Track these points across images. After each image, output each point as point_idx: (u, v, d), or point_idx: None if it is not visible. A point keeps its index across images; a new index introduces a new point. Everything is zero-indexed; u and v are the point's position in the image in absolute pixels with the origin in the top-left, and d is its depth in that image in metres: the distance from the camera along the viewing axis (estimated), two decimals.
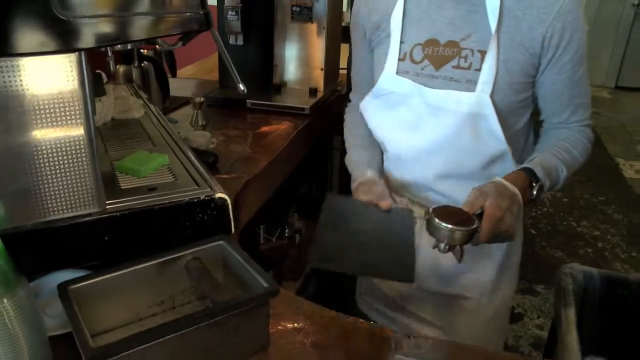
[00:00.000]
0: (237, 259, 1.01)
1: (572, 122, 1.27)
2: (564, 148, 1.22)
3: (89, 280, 0.94)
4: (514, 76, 1.16)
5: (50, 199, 0.94)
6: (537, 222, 3.73)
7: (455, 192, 1.27)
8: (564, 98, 1.23)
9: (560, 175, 1.19)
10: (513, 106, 1.20)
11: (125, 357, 0.82)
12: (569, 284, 1.63)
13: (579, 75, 1.20)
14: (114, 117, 1.39)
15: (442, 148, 1.24)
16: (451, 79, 1.19)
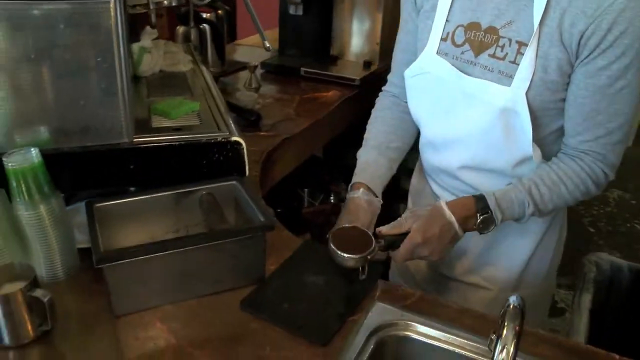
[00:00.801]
0: (246, 199, 1.10)
1: (587, 150, 1.11)
2: (552, 182, 1.12)
3: (113, 201, 1.07)
4: (550, 74, 1.05)
5: (87, 127, 1.07)
6: (596, 221, 3.62)
7: (479, 184, 1.22)
8: (584, 110, 1.07)
9: (525, 211, 1.12)
10: (547, 106, 1.09)
11: (129, 264, 0.93)
12: (592, 272, 1.64)
13: (613, 90, 1.03)
14: (162, 69, 1.52)
15: (472, 140, 1.18)
16: (486, 67, 1.11)
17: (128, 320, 0.97)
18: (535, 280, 1.36)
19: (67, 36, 1.00)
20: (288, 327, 0.95)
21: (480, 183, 1.22)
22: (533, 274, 1.35)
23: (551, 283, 1.45)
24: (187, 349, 0.91)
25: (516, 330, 0.60)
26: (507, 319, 0.62)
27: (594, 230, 3.53)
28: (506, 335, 0.60)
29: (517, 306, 0.64)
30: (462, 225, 1.12)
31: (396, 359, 1.00)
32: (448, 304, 1.06)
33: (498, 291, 1.34)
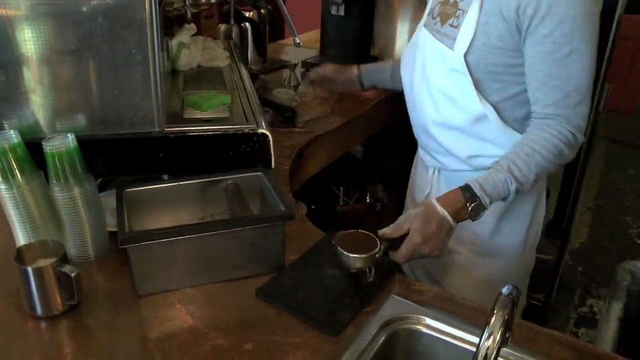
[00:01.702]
0: (270, 190, 1.13)
1: (550, 114, 1.18)
2: (525, 155, 1.18)
3: (142, 187, 1.11)
4: (491, 40, 1.18)
5: (120, 115, 1.12)
6: None
7: (446, 141, 1.36)
8: (538, 76, 1.17)
9: (509, 188, 1.17)
10: (493, 69, 1.21)
11: (152, 246, 0.97)
12: (625, 280, 1.59)
13: (560, 55, 1.13)
14: (200, 64, 1.56)
15: (436, 97, 1.33)
16: (445, 35, 1.27)
17: (150, 300, 1.01)
18: (508, 252, 1.43)
19: (105, 29, 1.06)
20: (300, 316, 0.97)
21: (446, 139, 1.36)
22: (505, 244, 1.42)
23: (529, 261, 1.51)
24: (203, 330, 0.94)
25: (504, 319, 0.60)
26: (496, 307, 0.62)
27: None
28: (494, 323, 0.60)
29: (508, 295, 0.64)
30: (455, 217, 1.16)
31: (407, 352, 1.01)
32: (465, 302, 1.06)
33: (471, 255, 1.42)
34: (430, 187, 1.50)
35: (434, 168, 1.47)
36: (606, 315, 1.46)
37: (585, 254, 3.23)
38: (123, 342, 0.92)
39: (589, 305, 2.82)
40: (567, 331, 2.64)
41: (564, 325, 2.67)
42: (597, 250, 3.29)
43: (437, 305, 1.03)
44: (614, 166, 4.41)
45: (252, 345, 0.91)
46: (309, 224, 1.25)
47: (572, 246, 3.23)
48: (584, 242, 3.35)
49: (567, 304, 2.81)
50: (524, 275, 1.53)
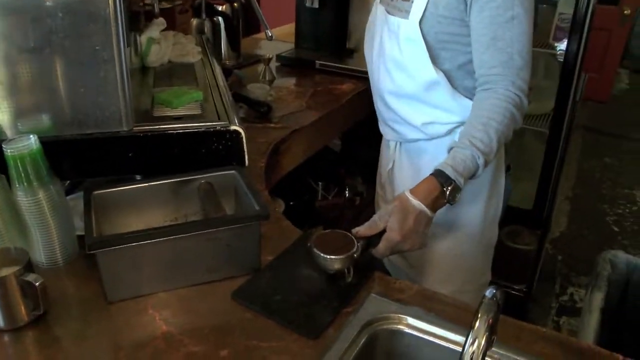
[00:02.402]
0: (244, 189, 1.09)
1: (495, 75, 1.22)
2: (482, 125, 1.19)
3: (111, 189, 1.07)
4: (439, 9, 1.24)
5: (86, 115, 1.07)
6: (622, 220, 3.52)
7: (401, 110, 1.41)
8: (484, 40, 1.22)
9: (478, 162, 1.17)
10: (442, 38, 1.27)
11: (121, 250, 0.93)
12: (606, 270, 1.59)
13: (504, 19, 1.19)
14: (171, 59, 1.51)
15: (391, 67, 1.37)
16: (398, 8, 1.32)
17: (121, 306, 0.96)
18: (468, 224, 1.45)
19: (66, 25, 1.01)
20: (278, 319, 0.94)
21: (401, 108, 1.41)
22: (465, 217, 1.44)
23: (490, 236, 1.52)
24: (177, 337, 0.90)
25: (489, 323, 0.58)
26: (481, 311, 0.59)
27: (619, 229, 3.43)
28: (478, 327, 0.57)
29: (493, 299, 0.61)
30: (433, 207, 1.14)
31: (389, 353, 0.98)
32: (446, 299, 1.03)
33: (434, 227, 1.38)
34: (393, 162, 1.52)
35: (395, 142, 1.50)
36: (588, 306, 1.45)
37: (565, 243, 3.25)
38: (93, 352, 0.88)
39: (570, 293, 2.83)
40: (549, 320, 2.65)
41: (545, 315, 2.67)
42: (576, 239, 3.31)
43: (418, 304, 1.00)
44: (590, 155, 4.44)
45: (229, 352, 0.88)
46: (285, 222, 1.21)
47: (553, 235, 3.25)
48: (563, 231, 3.37)
49: (549, 293, 2.82)
50: (485, 248, 1.53)
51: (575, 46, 2.02)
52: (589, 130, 4.88)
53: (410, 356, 0.97)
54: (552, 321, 2.65)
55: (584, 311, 1.45)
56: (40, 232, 1.03)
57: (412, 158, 1.48)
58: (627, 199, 3.79)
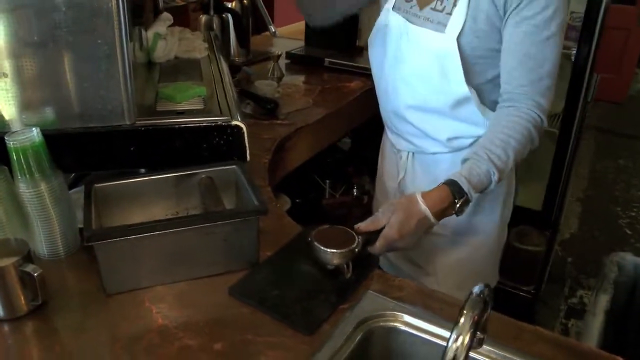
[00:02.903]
0: (245, 184, 1.09)
1: (521, 94, 1.19)
2: (501, 141, 1.17)
3: (113, 182, 1.07)
4: (478, 24, 1.19)
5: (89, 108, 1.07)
6: (635, 223, 3.47)
7: (424, 124, 1.35)
8: (516, 56, 1.19)
9: (492, 179, 1.15)
10: (477, 53, 1.22)
11: (120, 243, 0.93)
12: (612, 272, 1.57)
13: (540, 38, 1.16)
14: (177, 55, 1.52)
15: (413, 81, 1.31)
16: (428, 19, 1.25)
17: (119, 299, 0.97)
18: (486, 229, 1.43)
19: (70, 19, 1.01)
20: (274, 315, 0.94)
21: (424, 122, 1.35)
22: (484, 223, 1.42)
23: (503, 235, 1.51)
24: (172, 330, 0.91)
25: (474, 320, 0.57)
26: (466, 308, 0.58)
27: (632, 232, 3.39)
28: (463, 324, 0.56)
29: (479, 295, 0.60)
30: (439, 216, 1.13)
31: (384, 350, 0.97)
32: (445, 297, 1.02)
33: (451, 235, 1.41)
34: (405, 172, 1.47)
35: (408, 152, 1.44)
36: (593, 308, 1.43)
37: (575, 244, 3.21)
38: (88, 344, 0.88)
39: (579, 296, 2.80)
40: (557, 323, 2.62)
41: (554, 317, 2.65)
42: (587, 241, 3.27)
43: (417, 302, 0.99)
44: (604, 156, 4.38)
45: (222, 345, 0.88)
46: (286, 218, 1.21)
47: (562, 237, 3.21)
48: (574, 233, 3.33)
49: (557, 295, 2.79)
50: (497, 250, 1.52)
51: (586, 46, 1.99)
52: (602, 131, 4.82)
53: (406, 354, 0.97)
54: (560, 324, 2.62)
55: (588, 313, 1.43)
56: (41, 224, 1.03)
57: (427, 168, 1.44)
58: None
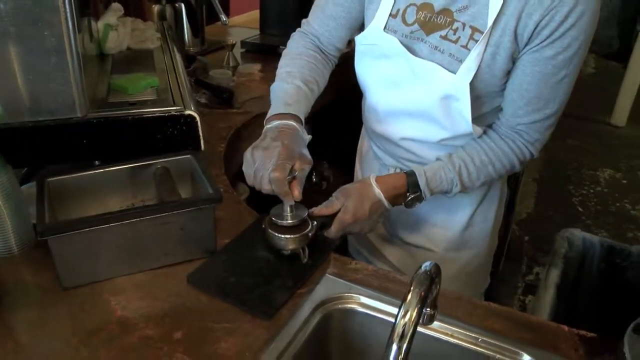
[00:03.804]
0: (200, 174, 1.09)
1: (521, 131, 1.15)
2: (481, 163, 1.15)
3: (65, 176, 1.06)
4: (497, 62, 1.06)
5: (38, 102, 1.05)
6: (586, 201, 3.59)
7: (421, 152, 1.26)
8: (525, 95, 1.09)
9: (453, 189, 1.15)
10: (490, 89, 1.11)
11: (74, 236, 0.92)
12: (563, 248, 1.62)
13: (555, 79, 1.06)
14: (130, 46, 1.50)
15: (414, 115, 1.20)
16: (436, 47, 1.09)
17: (76, 292, 0.96)
18: (478, 241, 1.39)
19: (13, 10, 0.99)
20: (233, 301, 0.94)
21: (422, 151, 1.25)
22: (476, 235, 1.38)
23: (493, 244, 1.48)
24: (132, 321, 0.91)
25: (421, 296, 0.59)
26: (414, 284, 0.60)
27: (583, 209, 3.51)
28: (410, 300, 0.59)
29: (427, 271, 0.63)
30: (392, 201, 1.13)
31: (343, 332, 1.00)
32: (400, 278, 1.05)
33: (443, 252, 1.37)
34: None
35: (396, 168, 1.33)
36: (544, 282, 1.48)
37: (532, 223, 3.31)
38: (45, 340, 0.88)
39: (535, 273, 2.89)
40: (515, 299, 2.70)
41: (512, 294, 2.73)
42: (543, 220, 3.37)
43: (374, 283, 1.02)
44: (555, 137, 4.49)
45: (182, 334, 0.89)
46: (243, 205, 1.22)
47: (520, 217, 3.30)
48: (530, 213, 3.43)
49: (515, 273, 2.87)
50: (489, 258, 1.51)
51: None
52: None
53: (363, 335, 0.99)
54: (518, 300, 2.70)
55: (540, 287, 1.48)
56: None
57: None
58: (592, 180, 3.87)
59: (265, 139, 1.03)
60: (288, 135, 1.03)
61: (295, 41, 1.31)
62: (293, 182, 0.99)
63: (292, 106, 1.10)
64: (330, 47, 1.30)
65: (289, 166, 0.97)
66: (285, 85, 1.16)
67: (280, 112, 1.09)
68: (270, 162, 0.97)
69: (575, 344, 0.93)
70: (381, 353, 0.58)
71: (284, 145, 0.99)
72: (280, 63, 1.26)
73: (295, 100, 1.12)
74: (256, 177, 1.00)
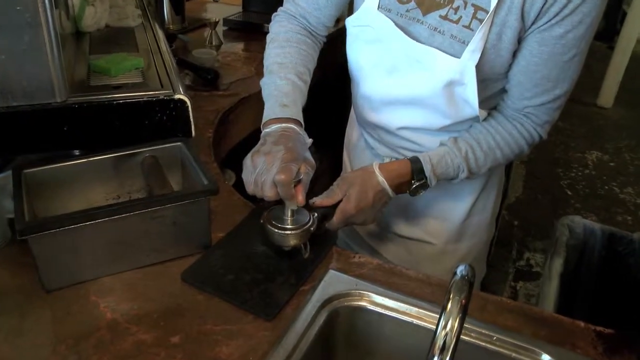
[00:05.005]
0: (191, 162, 1.04)
1: (528, 114, 1.11)
2: (487, 147, 1.11)
3: (44, 166, 1.00)
4: (503, 42, 1.01)
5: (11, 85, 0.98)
6: (575, 184, 3.61)
7: (421, 141, 1.20)
8: (533, 77, 1.05)
9: (459, 175, 1.12)
10: (495, 71, 1.06)
11: (57, 234, 0.86)
12: (564, 235, 1.61)
13: (565, 58, 1.01)
14: (108, 24, 1.43)
15: (413, 104, 1.14)
16: (435, 29, 1.03)
17: (60, 295, 0.91)
18: (477, 231, 1.37)
19: None
20: (232, 300, 0.90)
21: (422, 140, 1.20)
22: (475, 224, 1.35)
23: (491, 232, 1.45)
24: (124, 325, 0.86)
25: (462, 304, 0.55)
26: (452, 291, 0.56)
27: (572, 193, 3.53)
28: (450, 309, 0.55)
29: (465, 277, 0.59)
30: (395, 190, 1.10)
31: (350, 331, 0.96)
32: (407, 272, 1.02)
33: (442, 244, 1.35)
34: None
35: (391, 158, 1.27)
36: (548, 272, 1.47)
37: (521, 208, 3.32)
38: (28, 348, 0.82)
39: (526, 258, 2.90)
40: (507, 286, 2.71)
41: (503, 280, 2.73)
42: (531, 204, 3.38)
43: (379, 278, 0.98)
44: None
45: (180, 338, 0.84)
46: (236, 196, 1.17)
47: (509, 201, 3.31)
48: (519, 197, 3.44)
49: (505, 259, 2.88)
50: (487, 246, 1.48)
51: None
52: None
53: (372, 333, 0.96)
54: (509, 286, 2.71)
55: (544, 278, 1.47)
56: None
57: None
58: (580, 163, 3.89)
59: (265, 144, 0.98)
60: (290, 139, 0.99)
61: (281, 24, 1.21)
62: (298, 187, 0.95)
63: (289, 108, 1.05)
64: (320, 26, 1.23)
65: (295, 168, 0.93)
66: (279, 81, 1.10)
67: (278, 116, 1.04)
68: (274, 165, 0.92)
69: (593, 340, 0.91)
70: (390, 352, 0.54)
71: (288, 148, 0.95)
72: (267, 51, 1.18)
73: (292, 100, 1.07)
74: (257, 183, 0.94)
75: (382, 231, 1.39)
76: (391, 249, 1.39)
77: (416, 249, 1.36)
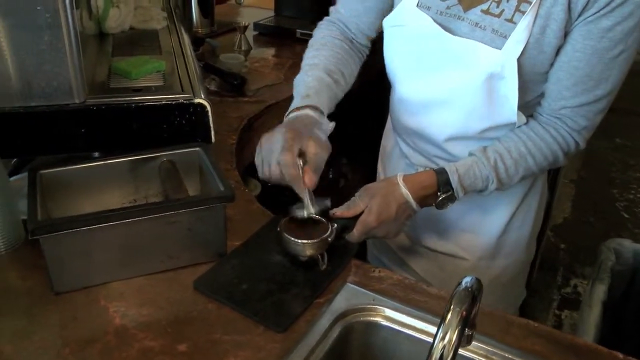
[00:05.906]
0: (210, 168, 1.07)
1: (566, 117, 1.09)
2: (518, 155, 1.11)
3: (61, 168, 1.04)
4: (547, 36, 1.01)
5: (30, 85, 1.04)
6: (633, 206, 3.53)
7: (456, 150, 1.21)
8: (575, 74, 1.03)
9: (489, 187, 1.12)
10: (538, 70, 1.06)
11: (69, 236, 0.90)
12: (609, 260, 1.58)
13: (610, 55, 1.00)
14: (133, 26, 1.49)
15: (451, 104, 1.15)
16: (477, 24, 1.05)
17: (69, 298, 0.95)
18: (515, 249, 1.36)
19: None
20: (244, 311, 0.92)
21: (458, 149, 1.20)
22: (513, 241, 1.34)
23: (531, 251, 1.43)
24: (131, 331, 0.89)
25: (462, 315, 0.56)
26: (453, 302, 0.58)
27: (629, 216, 3.44)
28: (450, 320, 0.56)
29: (468, 288, 0.60)
30: (420, 203, 1.11)
31: (365, 347, 0.97)
32: (428, 289, 1.02)
33: (476, 260, 1.34)
34: None
35: (425, 167, 1.26)
36: (589, 299, 1.45)
37: (569, 230, 3.26)
38: (33, 351, 0.85)
39: (573, 285, 2.84)
40: (550, 314, 2.66)
41: (546, 308, 2.68)
42: (581, 226, 3.32)
43: (398, 294, 0.99)
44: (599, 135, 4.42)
45: (187, 346, 0.87)
46: (256, 204, 1.20)
47: (555, 222, 3.25)
48: (567, 218, 3.38)
49: (550, 284, 2.83)
50: (526, 267, 1.46)
51: None
52: None
53: (387, 351, 0.97)
54: (553, 315, 2.66)
55: (584, 305, 1.44)
56: None
57: None
58: (639, 183, 3.80)
59: (275, 129, 1.03)
60: (299, 122, 1.03)
61: (321, 31, 1.29)
62: (306, 168, 0.97)
63: (310, 97, 1.09)
64: (360, 34, 1.27)
65: (297, 147, 0.96)
66: (306, 77, 1.15)
67: (298, 105, 1.08)
68: (277, 145, 0.97)
69: None
70: None
71: (291, 128, 0.99)
72: (304, 55, 1.25)
73: (315, 91, 1.11)
74: (264, 166, 1.00)
75: (414, 245, 1.40)
76: (422, 263, 1.40)
77: (448, 264, 1.36)
